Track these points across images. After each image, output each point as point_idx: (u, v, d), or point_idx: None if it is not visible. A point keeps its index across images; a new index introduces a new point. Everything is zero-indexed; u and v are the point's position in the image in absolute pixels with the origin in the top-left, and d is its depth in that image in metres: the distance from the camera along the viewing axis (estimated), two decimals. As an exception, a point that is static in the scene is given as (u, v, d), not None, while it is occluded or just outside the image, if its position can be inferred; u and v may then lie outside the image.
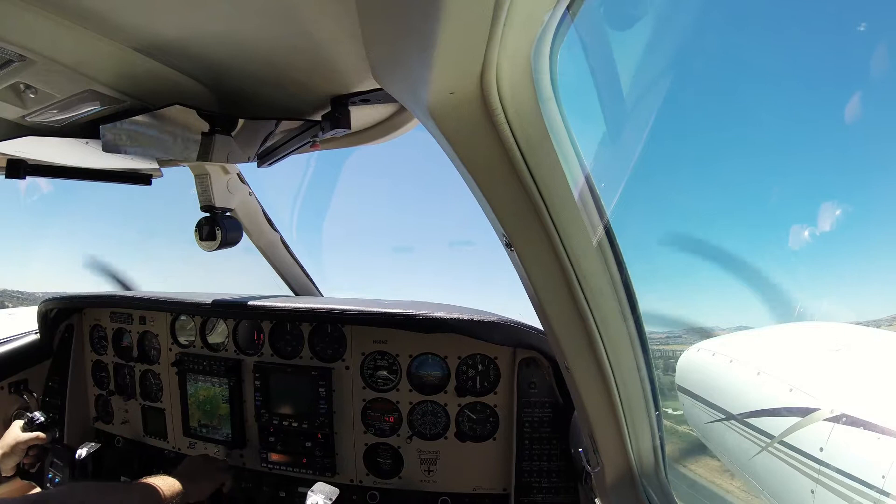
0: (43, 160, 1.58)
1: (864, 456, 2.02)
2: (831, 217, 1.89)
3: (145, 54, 0.96)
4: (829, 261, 2.13)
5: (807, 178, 2.63)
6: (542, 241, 0.93)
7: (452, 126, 0.79)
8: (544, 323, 1.11)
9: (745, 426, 2.78)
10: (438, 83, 0.70)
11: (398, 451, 2.00)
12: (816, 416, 2.32)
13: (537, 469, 1.87)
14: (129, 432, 2.41)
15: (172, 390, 2.25)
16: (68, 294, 2.47)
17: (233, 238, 1.77)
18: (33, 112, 1.09)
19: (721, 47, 2.19)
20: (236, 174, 1.97)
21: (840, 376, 2.56)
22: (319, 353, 2.06)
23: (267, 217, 2.36)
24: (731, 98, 2.72)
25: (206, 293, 2.25)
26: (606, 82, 0.95)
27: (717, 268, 2.42)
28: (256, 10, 0.81)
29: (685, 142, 2.86)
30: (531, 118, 0.79)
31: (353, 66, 1.02)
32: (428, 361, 1.97)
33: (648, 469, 1.30)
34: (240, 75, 1.09)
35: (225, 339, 2.19)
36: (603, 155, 1.02)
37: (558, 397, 1.86)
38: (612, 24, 0.88)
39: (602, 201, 0.96)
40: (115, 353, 2.42)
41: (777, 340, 3.14)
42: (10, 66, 0.89)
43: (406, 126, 1.40)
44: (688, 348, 3.44)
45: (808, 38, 2.02)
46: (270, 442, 2.09)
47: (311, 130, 1.26)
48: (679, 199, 2.73)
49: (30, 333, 2.54)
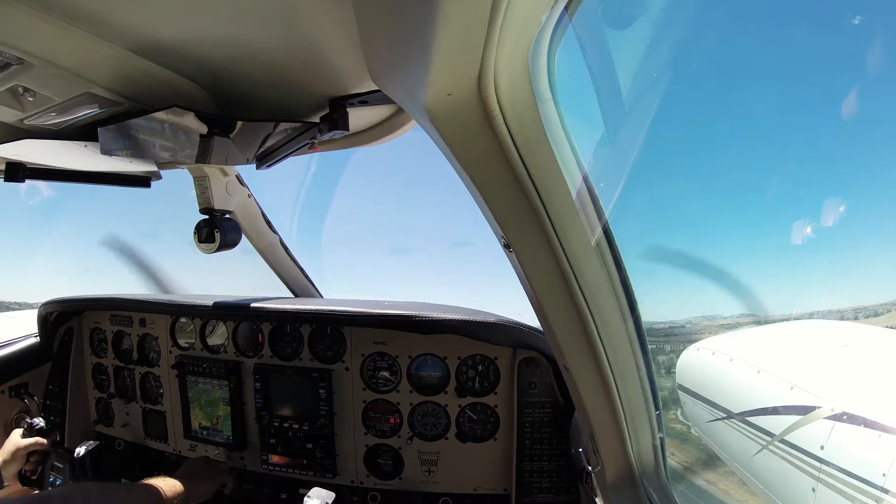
0: (41, 163, 1.58)
1: (865, 454, 2.02)
2: (834, 212, 1.90)
3: (143, 57, 0.96)
4: (829, 257, 2.14)
5: (806, 178, 2.64)
6: (541, 241, 0.93)
7: (450, 127, 0.79)
8: (543, 323, 1.11)
9: (745, 424, 2.78)
10: (436, 85, 0.70)
11: (399, 452, 2.00)
12: (817, 415, 2.32)
13: (538, 469, 1.87)
14: (130, 435, 2.41)
15: (173, 393, 2.25)
16: (68, 297, 2.46)
17: (232, 240, 1.77)
18: (31, 115, 1.09)
19: (720, 47, 2.21)
20: (235, 176, 1.97)
21: (841, 374, 2.56)
22: (319, 354, 2.06)
23: (266, 219, 2.36)
24: (730, 98, 2.74)
25: (205, 295, 2.25)
26: (604, 83, 0.95)
27: (716, 266, 2.43)
28: (254, 12, 0.81)
29: (684, 142, 2.89)
30: (529, 119, 0.79)
31: (351, 68, 1.02)
32: (428, 362, 1.97)
33: (649, 469, 1.30)
34: (238, 77, 1.09)
35: (225, 341, 2.19)
36: (601, 155, 1.02)
37: (558, 397, 1.86)
38: (610, 25, 0.88)
39: (600, 202, 0.96)
40: (116, 356, 2.41)
41: (777, 339, 3.14)
42: (9, 69, 0.89)
43: (404, 127, 1.40)
44: (687, 347, 3.44)
45: (808, 38, 2.03)
46: (271, 444, 2.09)
47: (309, 132, 1.27)
48: (678, 199, 2.74)
49: (29, 337, 2.54)
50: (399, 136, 1.44)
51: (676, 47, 0.96)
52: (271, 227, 2.41)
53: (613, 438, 1.24)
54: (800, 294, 2.90)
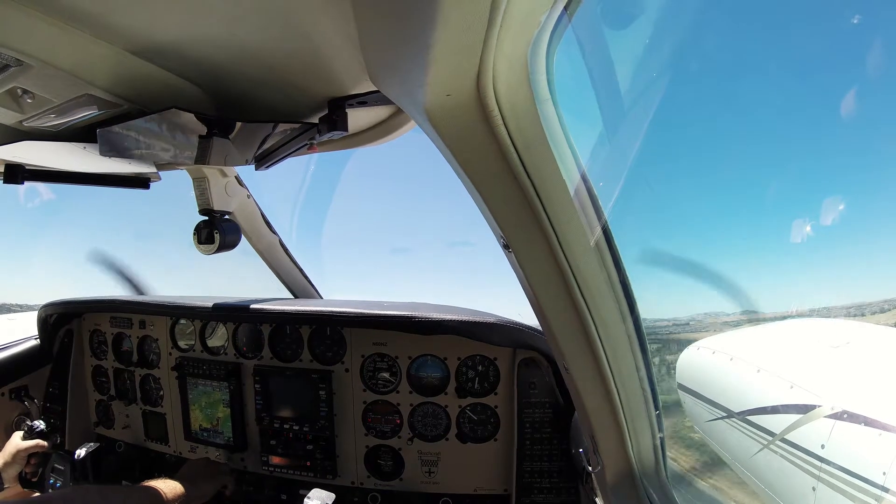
0: (41, 165, 1.58)
1: (865, 453, 2.02)
2: (833, 211, 1.90)
3: (142, 58, 0.96)
4: (830, 255, 2.13)
5: (806, 178, 2.63)
6: (540, 242, 0.93)
7: (449, 128, 0.79)
8: (543, 324, 1.11)
9: (745, 424, 2.78)
10: (435, 85, 0.70)
11: (399, 453, 2.00)
12: (817, 414, 2.32)
13: (538, 469, 1.86)
14: (131, 437, 2.41)
15: (173, 394, 2.25)
16: (68, 299, 2.46)
17: (231, 241, 1.76)
18: (31, 117, 1.09)
19: (719, 46, 2.20)
20: (234, 177, 1.97)
21: (841, 373, 2.56)
22: (319, 355, 2.06)
23: (265, 219, 2.36)
24: (729, 97, 2.73)
25: (205, 297, 2.25)
26: (604, 83, 0.95)
27: (714, 265, 2.43)
28: (253, 13, 0.81)
29: (683, 142, 2.88)
30: (528, 119, 0.79)
31: (350, 69, 1.02)
32: (428, 363, 1.97)
33: (649, 469, 1.30)
34: (237, 78, 1.09)
35: (225, 342, 2.19)
36: (600, 156, 1.02)
37: (558, 397, 1.86)
38: (609, 25, 0.88)
39: (600, 202, 0.96)
40: (116, 358, 2.41)
41: (777, 338, 3.14)
42: (7, 70, 0.89)
43: (403, 128, 1.40)
44: (687, 347, 3.44)
45: (808, 37, 2.02)
46: (271, 445, 2.09)
47: (308, 133, 1.26)
48: (677, 198, 2.74)
49: (30, 339, 2.54)
50: (398, 137, 1.44)
51: (675, 48, 0.96)
52: (271, 227, 2.41)
53: (613, 438, 1.24)
54: (805, 290, 2.89)
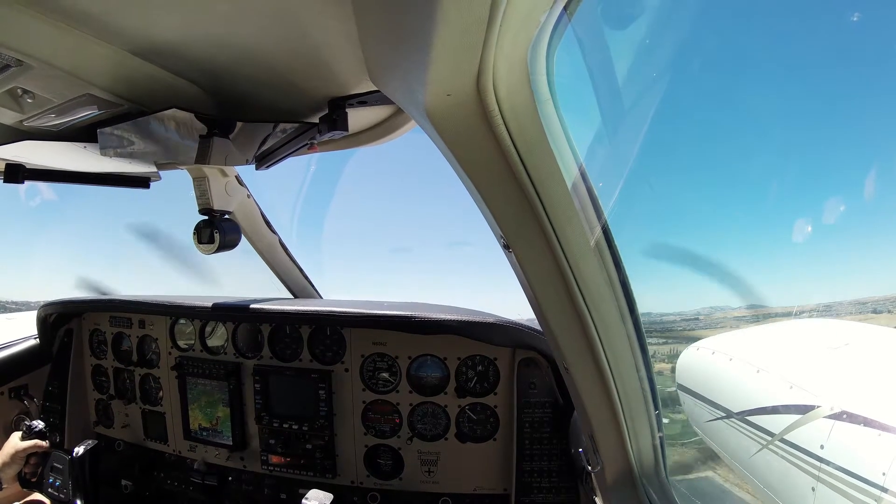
0: (41, 164, 1.58)
1: (864, 453, 2.02)
2: (835, 210, 1.90)
3: (142, 58, 0.96)
4: (830, 253, 2.13)
5: (805, 177, 2.61)
6: (540, 242, 0.93)
7: (449, 128, 0.79)
8: (543, 324, 1.11)
9: (745, 424, 2.78)
10: (435, 85, 0.70)
11: (399, 453, 2.00)
12: (817, 414, 2.32)
13: (538, 469, 1.87)
14: (130, 436, 2.41)
15: (172, 394, 2.25)
16: (67, 298, 2.46)
17: (231, 241, 1.76)
18: (31, 116, 1.09)
19: (719, 46, 2.20)
20: (234, 177, 1.97)
21: (840, 373, 2.56)
22: (319, 355, 2.06)
23: (265, 219, 2.36)
24: (729, 97, 2.73)
25: (205, 297, 2.25)
26: (603, 83, 0.95)
27: (714, 265, 2.43)
28: (254, 13, 0.81)
29: (683, 142, 2.87)
30: (528, 119, 0.79)
31: (351, 69, 1.02)
32: (427, 363, 1.97)
33: (648, 468, 1.30)
34: (237, 78, 1.09)
35: (224, 342, 2.19)
36: (600, 155, 1.02)
37: (558, 397, 1.87)
38: (609, 25, 0.88)
39: (600, 202, 0.96)
40: (115, 358, 2.41)
41: (776, 338, 3.14)
42: (8, 70, 0.89)
43: (403, 128, 1.40)
44: (687, 347, 3.45)
45: (808, 38, 2.01)
46: (271, 444, 2.09)
47: (308, 132, 1.27)
48: (677, 198, 2.73)
49: (29, 338, 2.54)
50: (398, 137, 1.44)
51: (675, 47, 0.96)
52: (271, 227, 2.41)
53: (613, 438, 1.24)
54: (817, 287, 2.90)
